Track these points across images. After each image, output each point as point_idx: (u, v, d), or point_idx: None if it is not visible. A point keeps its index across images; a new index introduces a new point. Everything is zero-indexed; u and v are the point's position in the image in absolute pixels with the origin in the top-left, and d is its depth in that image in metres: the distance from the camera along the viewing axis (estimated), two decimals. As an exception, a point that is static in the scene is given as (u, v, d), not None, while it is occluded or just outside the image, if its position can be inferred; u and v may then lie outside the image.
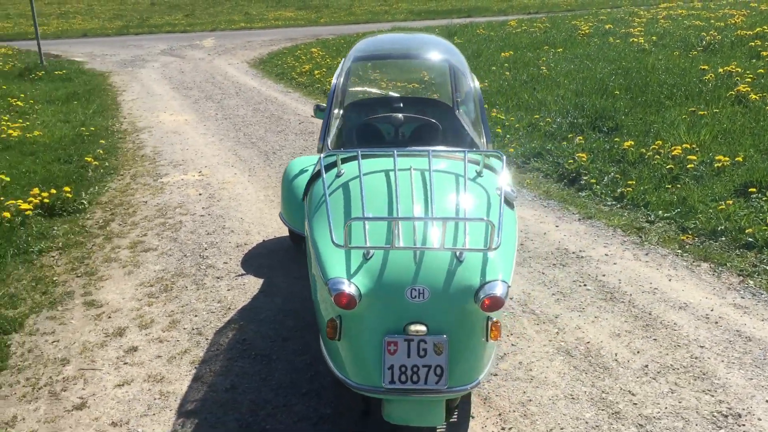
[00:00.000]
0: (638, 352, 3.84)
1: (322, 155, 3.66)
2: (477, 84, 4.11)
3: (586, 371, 3.67)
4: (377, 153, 3.50)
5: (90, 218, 6.22)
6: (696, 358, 3.77)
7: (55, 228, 5.96)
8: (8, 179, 6.87)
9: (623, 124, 8.23)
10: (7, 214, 5.76)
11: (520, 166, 7.58)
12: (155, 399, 3.54)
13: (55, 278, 4.99)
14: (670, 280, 4.71)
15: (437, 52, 4.54)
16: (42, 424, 3.37)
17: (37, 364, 3.91)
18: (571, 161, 7.25)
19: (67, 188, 6.51)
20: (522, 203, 6.32)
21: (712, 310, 4.25)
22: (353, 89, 5.08)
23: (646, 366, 3.70)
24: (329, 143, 3.88)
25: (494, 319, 2.89)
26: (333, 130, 3.96)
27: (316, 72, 14.35)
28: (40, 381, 3.73)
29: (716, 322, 4.11)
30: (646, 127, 7.97)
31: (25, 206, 5.98)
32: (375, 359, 2.81)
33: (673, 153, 6.83)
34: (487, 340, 2.90)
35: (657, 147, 7.09)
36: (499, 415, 3.33)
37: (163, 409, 3.46)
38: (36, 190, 6.32)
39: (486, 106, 10.19)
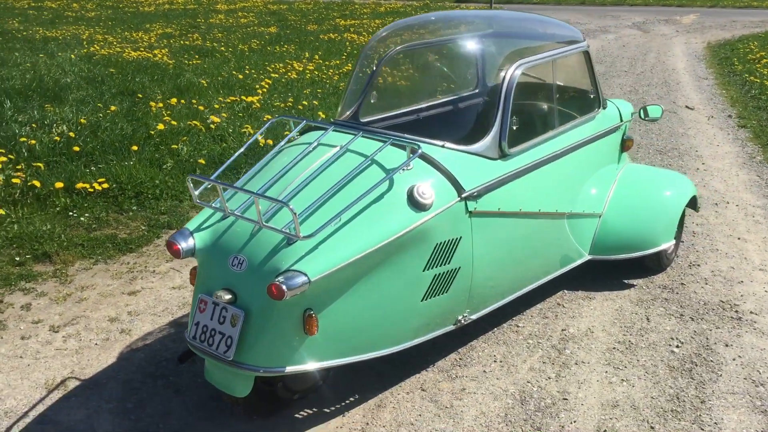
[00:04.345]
0: None
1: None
2: (511, 74, 3.54)
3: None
4: (320, 125, 3.46)
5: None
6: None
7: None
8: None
9: None
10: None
11: None
12: (176, 306, 4.17)
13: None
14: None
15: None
16: (99, 294, 4.29)
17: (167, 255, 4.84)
18: None
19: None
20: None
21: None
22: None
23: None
24: (339, 110, 3.87)
25: (311, 312, 2.79)
26: (347, 98, 3.89)
27: (764, 60, 12.65)
28: (150, 267, 4.65)
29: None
30: None
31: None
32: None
33: None
34: (306, 334, 2.82)
35: None
36: (367, 423, 3.14)
37: (167, 315, 4.08)
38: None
39: None
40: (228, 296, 2.84)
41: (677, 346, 3.74)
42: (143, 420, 3.16)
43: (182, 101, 8.70)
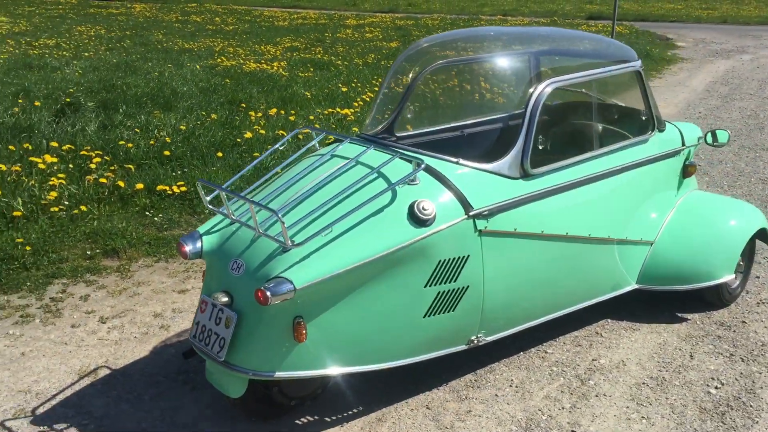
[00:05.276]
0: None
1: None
2: (539, 92, 3.43)
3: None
4: (338, 137, 3.49)
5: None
6: None
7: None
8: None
9: None
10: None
11: None
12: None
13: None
14: None
15: None
16: (152, 291, 4.52)
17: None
18: None
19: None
20: None
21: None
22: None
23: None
24: (366, 123, 3.89)
25: (300, 320, 2.84)
26: (374, 113, 3.91)
27: None
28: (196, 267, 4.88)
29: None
30: None
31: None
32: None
33: None
34: (296, 341, 2.87)
35: None
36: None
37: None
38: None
39: None
40: (225, 298, 2.94)
41: (716, 387, 3.49)
42: (154, 412, 3.30)
43: (282, 112, 9.00)
